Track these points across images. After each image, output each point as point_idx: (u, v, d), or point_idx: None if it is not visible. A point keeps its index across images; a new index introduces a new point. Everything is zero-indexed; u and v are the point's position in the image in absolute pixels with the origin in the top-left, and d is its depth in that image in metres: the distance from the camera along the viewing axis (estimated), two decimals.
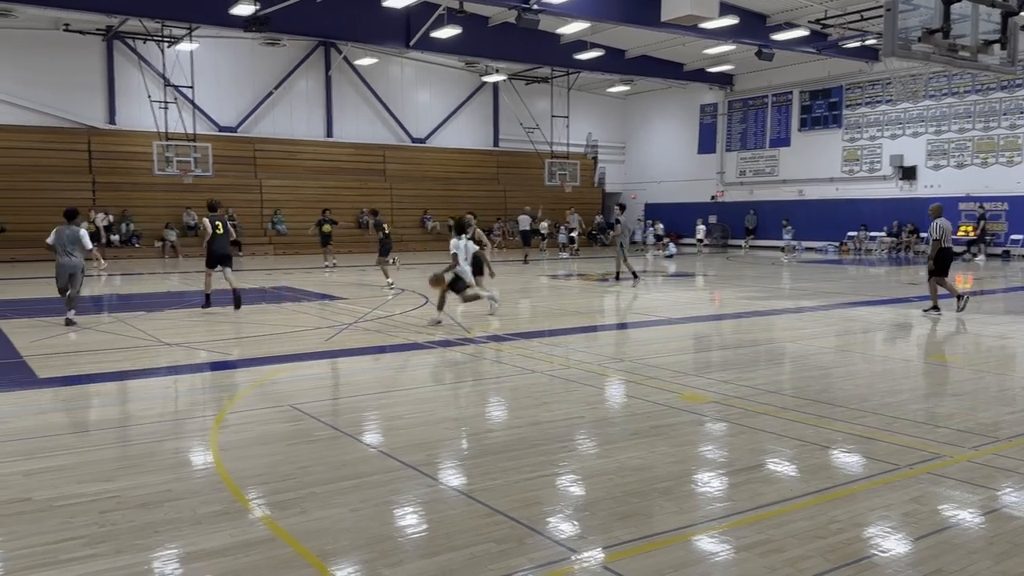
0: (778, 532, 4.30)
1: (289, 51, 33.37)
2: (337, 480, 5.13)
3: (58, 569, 3.85)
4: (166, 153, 27.44)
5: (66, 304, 12.21)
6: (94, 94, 30.30)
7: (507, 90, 38.26)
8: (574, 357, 9.62)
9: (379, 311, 13.55)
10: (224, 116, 32.54)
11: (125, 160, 30.12)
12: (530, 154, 37.89)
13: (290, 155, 33.70)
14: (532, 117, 37.51)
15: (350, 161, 35.04)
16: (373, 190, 34.95)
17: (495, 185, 38.66)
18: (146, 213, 30.06)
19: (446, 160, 37.65)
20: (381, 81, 35.92)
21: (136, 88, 29.86)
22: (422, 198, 36.18)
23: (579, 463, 5.56)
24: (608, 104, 42.59)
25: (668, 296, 17.12)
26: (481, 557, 3.98)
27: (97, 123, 30.38)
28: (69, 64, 29.50)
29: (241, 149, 32.45)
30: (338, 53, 34.07)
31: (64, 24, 28.58)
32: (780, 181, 36.35)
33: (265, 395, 7.64)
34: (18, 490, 4.93)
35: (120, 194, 29.74)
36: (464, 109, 38.54)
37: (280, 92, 33.58)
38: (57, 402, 7.29)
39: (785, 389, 7.89)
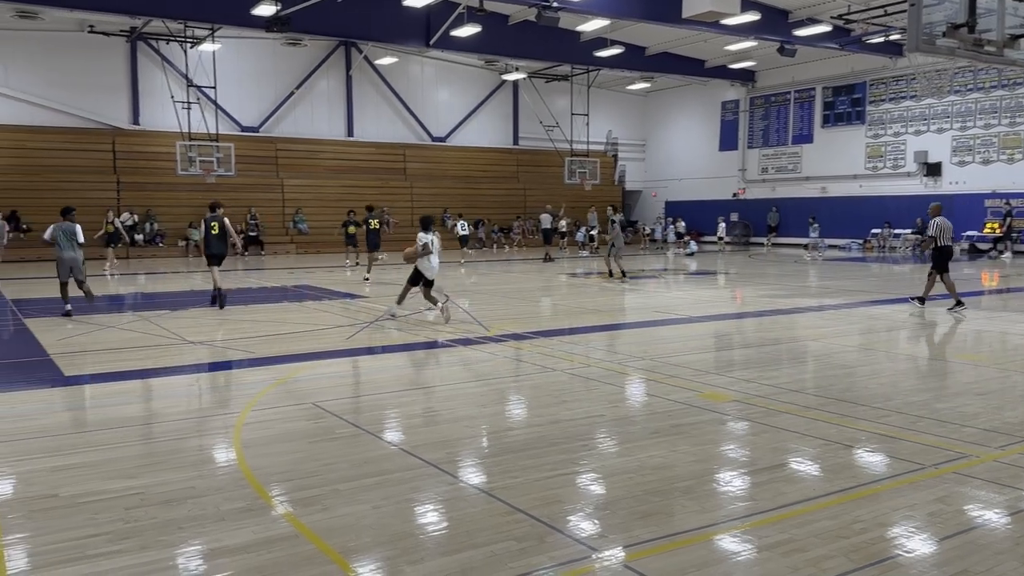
0: (801, 532, 4.27)
1: (310, 51, 33.54)
2: (359, 477, 5.16)
3: (84, 564, 3.90)
4: (189, 153, 27.68)
5: (64, 298, 13.09)
6: (118, 95, 30.63)
7: (527, 88, 38.24)
8: (594, 355, 9.60)
9: (400, 309, 13.59)
10: (246, 116, 32.78)
11: (149, 160, 30.43)
12: (550, 152, 37.85)
13: (311, 155, 33.89)
14: (552, 115, 37.46)
15: (371, 160, 35.18)
16: (393, 189, 35.07)
17: (515, 184, 38.67)
18: (170, 213, 30.34)
19: (466, 159, 37.70)
20: (401, 80, 36.03)
21: (159, 89, 30.15)
22: (442, 197, 36.24)
23: (599, 462, 5.55)
24: (628, 101, 42.45)
25: (689, 294, 17.05)
26: (501, 555, 3.99)
27: (121, 124, 30.71)
28: (94, 65, 29.84)
29: (263, 149, 32.68)
30: (359, 53, 34.21)
31: (89, 26, 28.91)
32: (803, 178, 36.06)
33: (287, 393, 7.70)
34: (45, 486, 5.00)
35: (144, 194, 30.04)
36: (484, 108, 38.56)
37: (301, 92, 33.76)
38: (83, 400, 7.38)
39: (808, 388, 7.83)
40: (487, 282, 19.51)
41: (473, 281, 19.70)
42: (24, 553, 4.06)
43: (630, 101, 42.51)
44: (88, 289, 13.32)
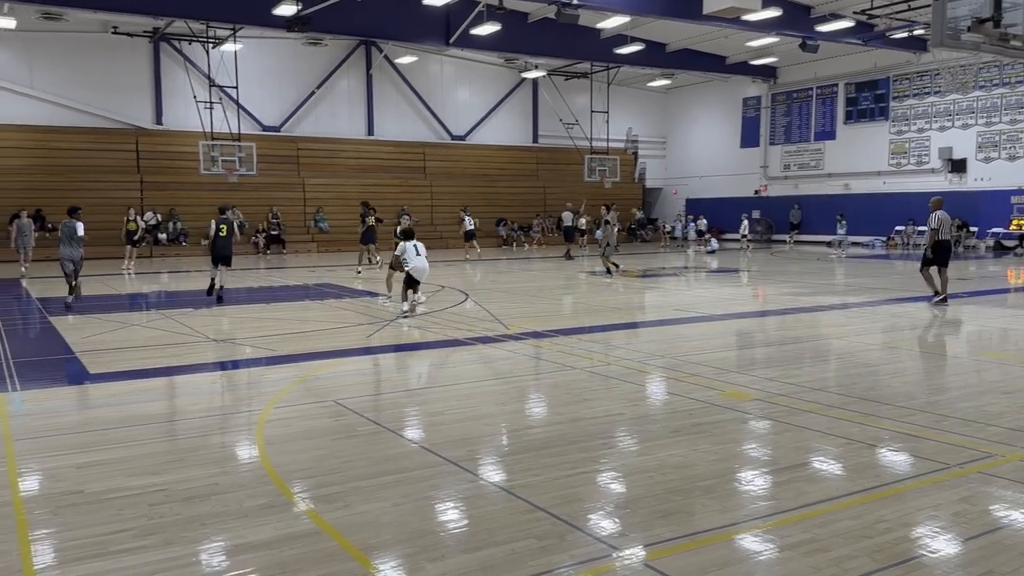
0: (823, 531, 4.24)
1: (331, 50, 33.69)
2: (380, 475, 5.18)
3: (109, 560, 3.95)
4: (212, 153, 27.89)
5: (71, 292, 13.86)
6: (142, 95, 30.93)
7: (546, 86, 38.19)
8: (614, 354, 9.58)
9: (420, 307, 13.63)
10: (268, 116, 32.98)
11: (172, 160, 30.70)
12: (569, 150, 37.78)
13: (332, 154, 34.04)
14: (571, 113, 37.39)
15: (390, 159, 35.28)
16: (413, 188, 35.16)
17: (534, 181, 38.64)
18: (193, 212, 30.55)
19: (485, 157, 37.72)
20: (421, 79, 36.11)
21: (182, 89, 30.40)
22: (462, 195, 36.25)
23: (619, 460, 5.54)
24: (649, 98, 42.28)
25: (710, 292, 16.96)
26: (522, 553, 3.99)
27: (145, 123, 31.01)
28: (117, 66, 30.15)
29: (284, 148, 32.86)
30: (379, 52, 34.32)
31: (112, 27, 29.20)
32: (825, 175, 35.76)
33: (309, 391, 7.75)
34: (71, 482, 5.07)
35: (167, 193, 30.31)
36: (503, 106, 38.55)
37: (322, 91, 33.92)
38: (107, 397, 7.47)
39: (830, 386, 7.77)
40: (507, 280, 19.52)
41: (493, 279, 19.72)
42: (50, 548, 4.12)
43: (650, 98, 42.34)
44: (78, 287, 13.97)
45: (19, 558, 3.97)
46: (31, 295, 16.25)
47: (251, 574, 3.81)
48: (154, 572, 3.81)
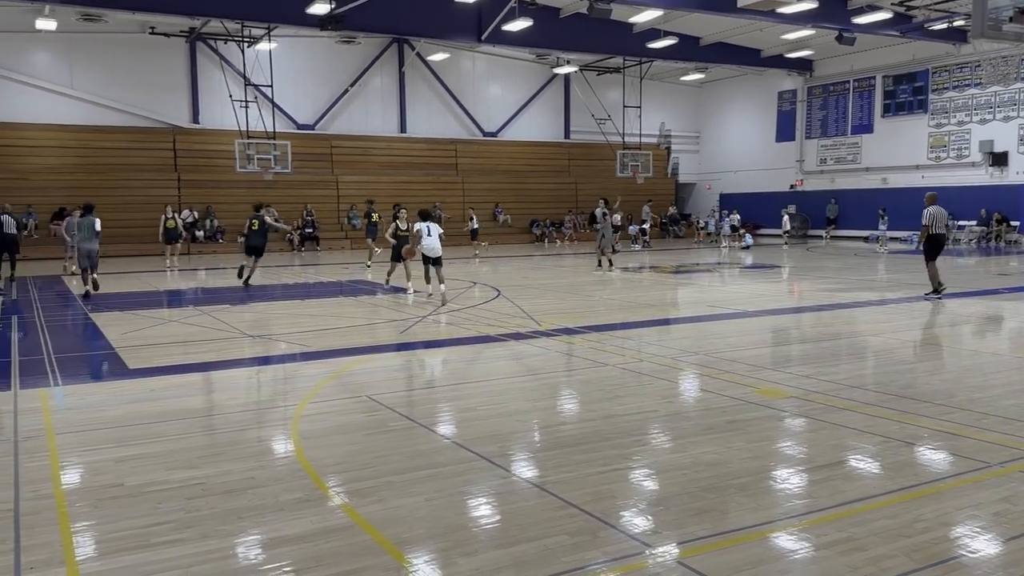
0: (860, 530, 4.18)
1: (364, 48, 33.89)
2: (413, 470, 5.22)
3: (148, 552, 4.02)
4: (247, 151, 28.21)
5: (86, 282, 15.32)
6: (179, 94, 31.38)
7: (578, 81, 38.07)
8: (647, 350, 9.54)
9: (452, 303, 13.69)
10: (302, 114, 33.29)
11: (208, 158, 31.11)
12: (602, 145, 37.64)
13: (365, 151, 34.26)
14: (604, 108, 37.23)
15: (423, 156, 35.43)
16: (445, 184, 35.28)
17: (566, 177, 38.55)
18: (229, 210, 30.97)
19: (517, 153, 37.71)
20: (453, 76, 36.19)
21: (218, 88, 30.78)
22: (494, 191, 36.34)
23: (653, 457, 5.51)
24: (682, 93, 41.95)
25: (745, 288, 16.81)
26: (554, 549, 3.99)
27: (182, 122, 31.47)
28: (155, 66, 30.62)
29: (318, 146, 33.14)
30: (411, 49, 34.45)
31: (150, 27, 29.66)
32: (863, 169, 35.20)
33: (343, 386, 7.81)
34: (111, 476, 5.17)
35: (204, 191, 30.74)
36: (535, 102, 38.50)
37: (355, 89, 34.14)
38: (146, 392, 7.60)
39: (868, 384, 7.66)
40: (538, 276, 19.51)
41: (524, 276, 19.72)
42: (91, 540, 4.20)
43: (684, 92, 42.01)
44: (95, 280, 15.46)
45: (61, 550, 4.06)
46: (71, 291, 16.58)
47: (287, 567, 3.86)
48: (192, 564, 3.88)
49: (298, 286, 17.91)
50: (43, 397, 7.39)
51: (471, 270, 21.01)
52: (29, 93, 28.90)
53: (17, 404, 7.12)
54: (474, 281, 17.68)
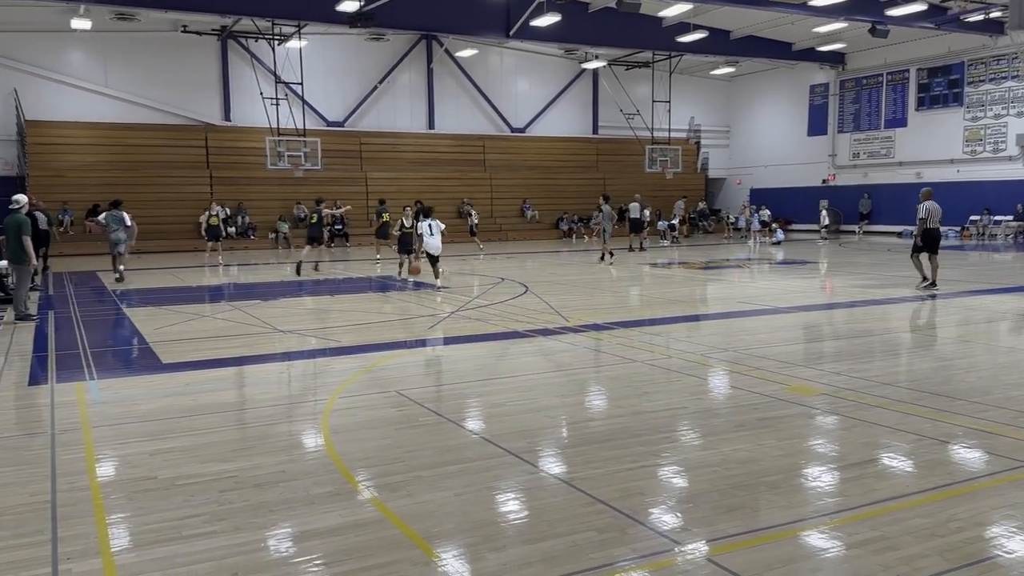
0: (893, 529, 4.13)
1: (393, 45, 34.02)
2: (442, 465, 5.24)
3: (181, 544, 4.08)
4: (278, 148, 28.46)
5: (114, 268, 17.54)
6: (210, 92, 31.74)
7: (607, 76, 37.90)
8: (675, 346, 9.48)
9: (480, 299, 13.72)
10: (332, 111, 33.51)
11: (240, 155, 31.44)
12: (630, 141, 37.45)
13: (393, 148, 34.42)
14: (632, 103, 37.04)
15: (450, 152, 35.51)
16: (473, 180, 35.34)
17: (594, 173, 38.41)
18: (260, 206, 31.31)
19: (545, 149, 37.65)
20: (481, 72, 36.21)
21: (249, 85, 31.09)
22: (521, 187, 36.33)
23: (682, 454, 5.48)
24: (712, 87, 41.60)
25: (776, 284, 16.65)
26: (583, 545, 3.99)
27: (214, 120, 31.82)
28: (187, 64, 31.00)
29: (347, 143, 33.35)
30: (439, 46, 34.53)
31: (182, 26, 30.04)
32: (896, 163, 34.69)
33: (372, 381, 7.86)
34: (145, 469, 5.25)
35: (236, 188, 31.07)
36: (563, 97, 38.41)
37: (384, 86, 34.30)
38: (180, 386, 7.70)
39: (901, 381, 7.56)
40: (566, 272, 19.48)
41: (552, 272, 19.70)
42: (126, 532, 4.27)
43: (714, 86, 41.66)
44: (121, 270, 17.38)
45: (97, 541, 4.13)
46: (105, 287, 16.85)
47: (317, 560, 3.89)
48: (225, 557, 3.93)
49: (328, 282, 18.05)
50: (79, 391, 7.52)
51: (488, 266, 21.03)
52: (65, 92, 29.41)
53: (54, 397, 7.26)
54: (502, 277, 17.69)
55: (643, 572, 3.74)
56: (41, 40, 28.83)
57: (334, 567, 3.82)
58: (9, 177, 28.66)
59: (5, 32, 28.15)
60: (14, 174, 28.76)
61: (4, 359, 9.17)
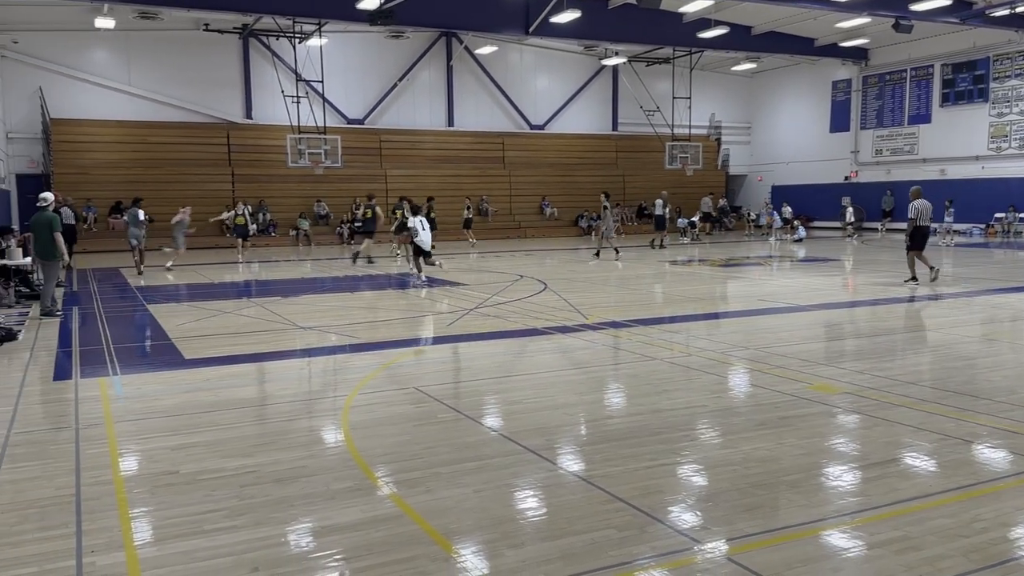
0: (916, 529, 4.09)
1: (412, 43, 34.08)
2: (460, 461, 5.25)
3: (203, 538, 4.11)
4: (299, 146, 28.61)
5: (140, 260, 18.95)
6: (232, 90, 31.93)
7: (627, 72, 37.76)
8: (695, 344, 9.44)
9: (498, 296, 13.73)
10: (352, 108, 33.62)
11: (261, 153, 31.61)
12: (650, 137, 37.30)
13: (413, 145, 34.48)
14: (652, 99, 36.89)
15: (470, 149, 35.52)
16: (492, 178, 35.33)
17: (614, 170, 38.28)
18: (281, 203, 31.48)
19: (564, 146, 37.56)
20: (500, 69, 36.19)
21: (270, 83, 31.25)
22: (541, 184, 36.28)
23: (702, 453, 5.46)
24: (733, 83, 41.34)
25: (797, 282, 16.53)
26: (602, 543, 3.98)
27: (235, 118, 32.03)
28: (209, 62, 31.22)
29: (367, 140, 33.46)
30: (459, 43, 34.54)
31: (204, 24, 30.23)
32: (920, 160, 34.31)
33: (391, 377, 7.89)
34: (167, 463, 5.30)
35: (257, 185, 31.26)
36: (583, 94, 38.30)
37: (404, 83, 34.36)
38: (201, 382, 7.77)
39: (924, 380, 7.48)
40: (585, 269, 19.44)
41: (571, 269, 19.67)
42: (148, 526, 4.32)
43: (735, 82, 41.39)
44: (140, 264, 18.79)
45: (120, 534, 4.18)
46: (129, 284, 17.02)
47: (337, 555, 3.91)
48: (246, 551, 3.96)
49: (348, 278, 18.13)
50: (102, 386, 7.61)
51: (506, 263, 21.03)
52: (89, 90, 29.72)
53: (78, 393, 7.34)
54: (521, 274, 17.69)
55: (662, 570, 3.73)
56: (65, 39, 29.15)
57: (354, 562, 3.83)
58: (34, 175, 29.04)
59: (30, 31, 28.48)
60: (39, 172, 29.13)
61: (30, 354, 9.29)
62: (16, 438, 5.90)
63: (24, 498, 4.70)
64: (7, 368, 8.58)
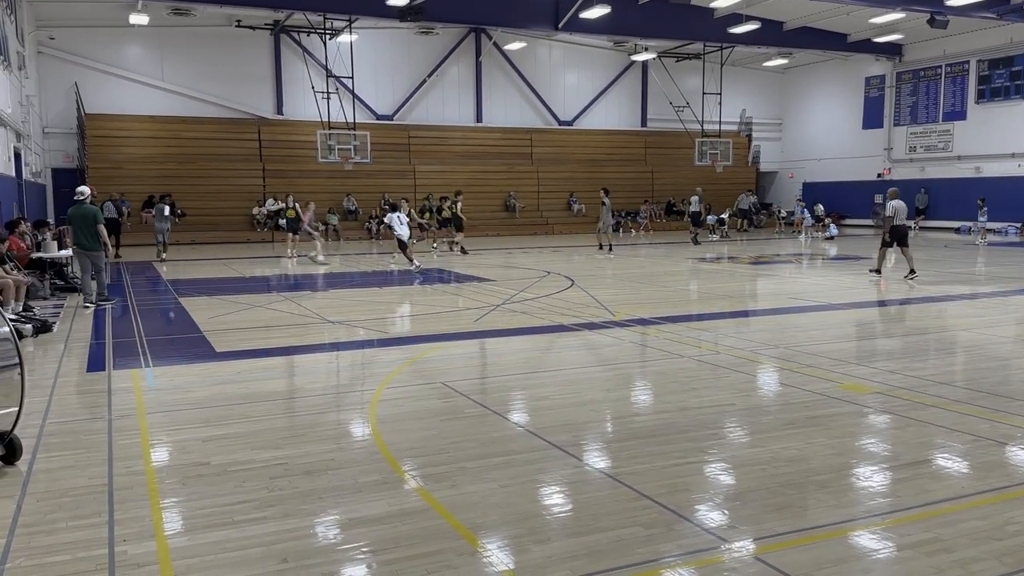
0: (947, 531, 4.03)
1: (442, 39, 34.15)
2: (487, 456, 5.26)
3: (232, 529, 4.16)
4: (328, 141, 28.80)
5: (162, 249, 21.21)
6: (263, 86, 32.21)
7: (656, 68, 37.54)
8: (724, 342, 9.38)
9: (526, 293, 13.73)
10: (381, 104, 33.76)
11: (292, 149, 31.86)
12: (679, 134, 37.06)
13: (441, 141, 34.54)
14: (682, 95, 36.64)
15: (497, 145, 35.50)
16: (520, 174, 35.31)
17: (642, 166, 38.08)
18: (311, 199, 31.58)
19: (593, 142, 37.43)
20: (529, 65, 36.14)
21: (301, 79, 31.48)
22: (568, 181, 36.17)
23: (729, 451, 5.42)
24: (764, 79, 40.92)
25: (828, 280, 16.34)
26: (628, 540, 3.97)
27: (266, 113, 32.30)
28: (241, 58, 31.52)
29: (396, 136, 33.58)
30: (488, 39, 34.55)
31: (236, 21, 30.52)
32: (955, 157, 33.74)
33: (419, 372, 7.93)
34: (198, 454, 5.37)
35: (287, 180, 31.42)
36: (612, 90, 38.13)
37: (433, 79, 34.44)
38: (232, 374, 7.86)
39: (957, 380, 7.37)
40: (613, 266, 19.38)
41: (599, 266, 19.62)
42: (179, 516, 4.38)
43: (766, 78, 40.98)
44: (162, 254, 21.00)
45: (151, 524, 4.24)
46: (162, 277, 17.24)
47: (364, 547, 3.94)
48: (275, 542, 4.00)
49: (376, 274, 18.23)
50: (135, 377, 7.72)
51: (534, 260, 21.01)
52: (123, 86, 30.14)
53: (111, 384, 7.46)
54: (548, 270, 17.67)
55: (689, 569, 3.71)
56: (101, 35, 29.58)
57: (380, 555, 3.86)
58: (69, 169, 29.52)
59: (67, 27, 28.94)
60: (74, 166, 29.61)
61: (64, 346, 9.46)
62: (51, 428, 6.01)
63: (58, 487, 4.79)
64: (42, 359, 8.75)
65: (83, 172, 28.48)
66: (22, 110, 24.32)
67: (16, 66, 23.27)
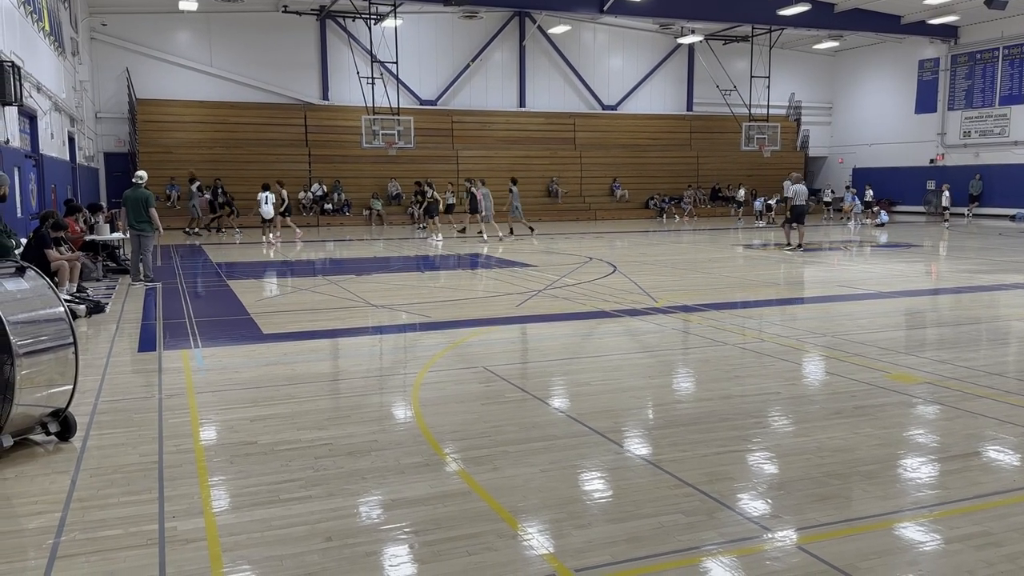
0: (997, 525, 3.95)
1: (485, 23, 34.07)
2: (527, 441, 5.28)
3: (278, 507, 4.24)
4: (373, 127, 28.96)
5: (191, 224, 24.11)
6: (310, 72, 32.51)
7: (703, 51, 37.00)
8: (769, 330, 9.26)
9: (567, 279, 13.70)
10: (425, 90, 33.85)
11: (337, 134, 32.15)
12: (726, 118, 36.52)
13: (484, 126, 34.53)
14: (729, 78, 36.08)
15: (540, 130, 35.38)
16: (563, 159, 35.16)
17: (687, 151, 37.66)
18: (355, 184, 31.97)
19: (637, 127, 37.09)
20: (573, 49, 35.89)
21: (346, 65, 31.70)
22: (612, 166, 35.93)
23: (773, 440, 5.37)
24: (814, 62, 40.10)
25: (878, 268, 16.03)
26: (669, 527, 3.96)
27: (312, 99, 32.60)
28: (287, 44, 31.82)
29: (440, 121, 33.65)
30: (532, 22, 34.37)
31: (283, 6, 30.81)
32: (1011, 143, 32.75)
33: (460, 356, 7.97)
34: (246, 434, 5.47)
35: (332, 166, 31.82)
36: (657, 73, 37.71)
37: (476, 64, 34.41)
38: (279, 356, 7.99)
39: (1010, 371, 7.18)
40: (656, 253, 19.23)
41: (641, 252, 19.49)
42: (226, 494, 4.47)
43: (816, 61, 40.15)
44: (188, 227, 24.07)
45: (200, 501, 4.34)
46: (211, 259, 17.56)
47: (406, 527, 3.99)
48: (319, 521, 4.07)
49: (418, 258, 18.34)
50: (185, 358, 7.89)
51: (576, 245, 20.92)
52: (173, 71, 30.66)
53: (161, 364, 7.64)
54: (590, 256, 17.61)
55: (731, 557, 3.69)
56: (151, 21, 30.09)
57: (422, 535, 3.90)
58: (121, 153, 30.17)
59: (119, 14, 29.49)
60: (126, 150, 30.24)
61: (116, 326, 9.70)
62: (103, 406, 6.18)
63: (110, 463, 4.92)
64: (95, 339, 8.98)
65: (134, 156, 29.07)
66: (76, 95, 24.90)
67: (70, 52, 23.81)
